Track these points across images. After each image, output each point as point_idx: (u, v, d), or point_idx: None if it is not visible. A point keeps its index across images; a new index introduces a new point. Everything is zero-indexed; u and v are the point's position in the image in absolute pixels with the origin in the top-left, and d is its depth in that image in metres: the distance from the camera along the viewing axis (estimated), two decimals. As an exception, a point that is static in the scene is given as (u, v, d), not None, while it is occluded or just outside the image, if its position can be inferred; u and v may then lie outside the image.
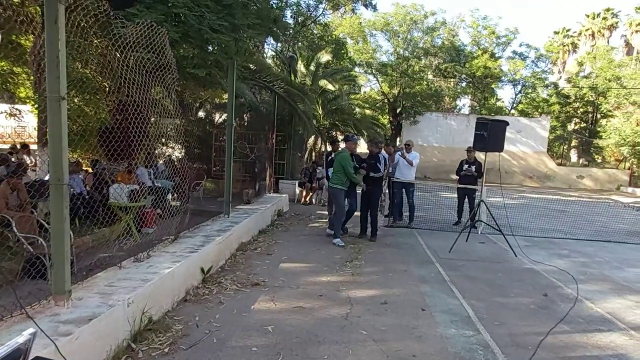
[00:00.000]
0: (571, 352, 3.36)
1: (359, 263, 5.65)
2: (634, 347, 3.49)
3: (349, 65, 25.86)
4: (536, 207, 13.52)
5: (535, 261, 6.21)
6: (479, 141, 6.64)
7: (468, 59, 28.71)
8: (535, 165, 25.84)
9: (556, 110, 28.89)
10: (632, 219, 11.47)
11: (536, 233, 8.62)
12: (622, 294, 4.92)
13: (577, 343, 3.53)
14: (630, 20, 37.17)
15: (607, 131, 25.40)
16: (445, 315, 3.94)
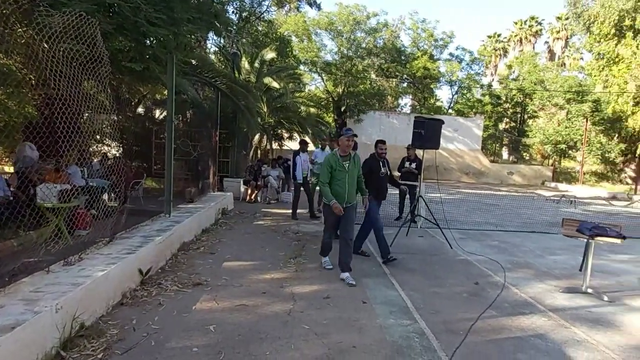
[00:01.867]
0: (498, 334, 3.62)
1: (302, 259, 5.70)
2: (551, 327, 3.83)
3: (294, 64, 25.91)
4: (471, 201, 14.33)
5: (468, 252, 6.60)
6: (417, 139, 6.94)
7: (409, 59, 29.77)
8: (470, 162, 27.35)
9: (489, 110, 30.73)
10: (553, 211, 12.50)
11: (470, 226, 9.14)
12: (543, 280, 5.36)
13: (503, 326, 3.81)
14: (551, 28, 40.33)
15: (533, 130, 27.43)
16: (385, 306, 4.09)
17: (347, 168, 4.86)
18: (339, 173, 4.83)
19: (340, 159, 4.85)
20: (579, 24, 21.84)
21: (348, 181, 4.87)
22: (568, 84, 24.37)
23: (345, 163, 4.87)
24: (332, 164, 4.83)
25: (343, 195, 4.84)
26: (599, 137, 23.03)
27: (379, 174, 5.89)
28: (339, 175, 4.83)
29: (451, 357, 3.09)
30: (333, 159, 4.86)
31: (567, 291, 4.90)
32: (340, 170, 4.83)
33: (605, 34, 20.02)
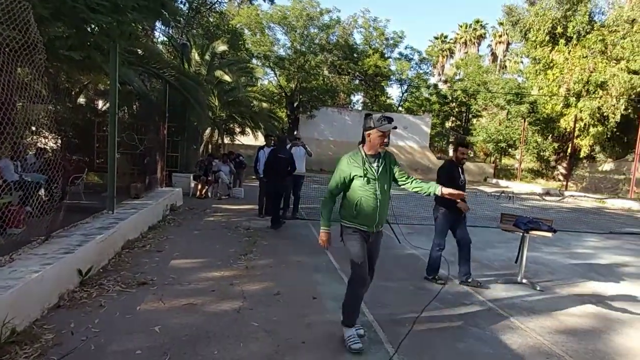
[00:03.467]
0: (440, 324, 3.80)
1: (253, 256, 5.66)
2: (489, 316, 4.07)
3: (247, 57, 25.51)
4: (419, 197, 14.77)
5: (416, 247, 6.83)
6: (368, 136, 7.06)
7: (361, 57, 30.21)
8: (419, 159, 28.28)
9: (436, 108, 31.90)
10: (494, 206, 13.21)
11: (418, 221, 9.47)
12: (483, 272, 5.66)
13: (445, 316, 4.00)
14: (494, 32, 42.45)
15: (476, 129, 28.79)
16: (335, 302, 4.15)
17: (377, 172, 3.19)
18: (366, 181, 3.14)
19: (367, 159, 3.20)
20: (516, 32, 23.15)
21: (380, 192, 3.18)
22: (508, 86, 25.81)
23: (374, 165, 3.21)
24: (351, 170, 3.16)
25: (373, 215, 3.18)
26: (535, 136, 24.60)
27: (458, 182, 5.01)
28: (365, 185, 3.15)
29: (397, 348, 3.20)
30: (354, 160, 3.19)
31: (504, 282, 5.21)
32: (367, 176, 3.14)
33: (540, 41, 21.37)
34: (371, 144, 3.22)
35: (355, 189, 3.19)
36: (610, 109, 19.37)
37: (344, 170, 3.20)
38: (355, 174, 3.17)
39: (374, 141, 3.18)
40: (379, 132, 3.13)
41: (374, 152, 3.23)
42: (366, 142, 3.24)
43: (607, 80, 19.04)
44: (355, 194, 3.19)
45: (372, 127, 3.15)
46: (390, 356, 3.08)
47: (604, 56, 19.70)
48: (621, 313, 4.39)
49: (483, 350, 3.34)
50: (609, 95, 19.33)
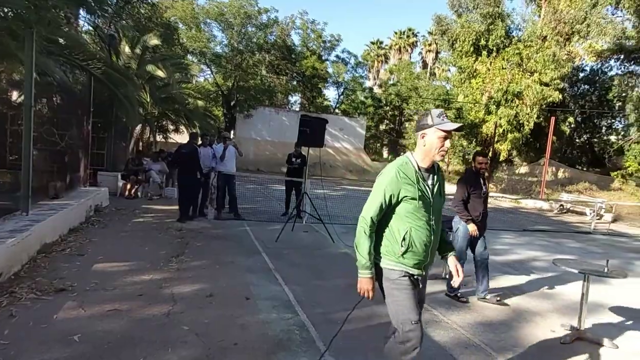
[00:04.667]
0: (371, 321, 3.93)
1: (185, 258, 5.50)
2: (416, 311, 4.29)
3: (181, 53, 24.59)
4: (354, 197, 15.19)
5: (349, 246, 7.01)
6: (303, 137, 7.14)
7: (299, 58, 30.38)
8: (355, 160, 29.00)
9: (371, 111, 32.90)
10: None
11: (352, 221, 9.71)
12: (412, 268, 5.95)
13: (375, 313, 4.14)
14: (424, 41, 44.67)
15: (409, 132, 30.10)
16: (268, 302, 4.16)
17: (432, 192, 2.33)
18: (421, 205, 2.26)
19: (420, 174, 2.30)
20: (444, 41, 24.59)
21: (435, 222, 2.34)
22: (437, 92, 27.31)
23: (429, 183, 2.33)
24: (401, 187, 2.24)
25: (426, 252, 2.31)
26: (461, 140, 26.21)
27: (480, 193, 4.71)
28: (418, 211, 2.26)
29: (328, 346, 3.27)
30: (405, 174, 2.26)
31: (431, 278, 5.51)
32: (423, 199, 2.26)
33: (465, 51, 22.88)
34: (426, 151, 2.28)
35: (403, 215, 2.25)
36: (525, 117, 21.19)
37: (392, 187, 2.22)
38: (406, 194, 2.22)
39: (432, 146, 2.26)
40: (439, 132, 2.24)
41: (429, 163, 2.31)
42: (418, 147, 2.33)
43: (522, 91, 20.82)
44: (403, 223, 2.25)
45: (430, 125, 2.26)
46: (322, 354, 3.15)
47: (520, 68, 21.52)
48: (531, 304, 4.83)
49: (409, 343, 3.52)
50: (524, 104, 21.14)
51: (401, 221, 2.28)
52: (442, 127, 2.26)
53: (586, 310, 3.98)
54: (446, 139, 2.28)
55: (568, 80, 23.76)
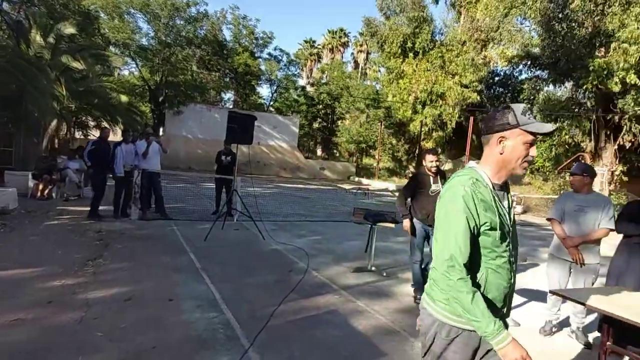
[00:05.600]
0: (297, 315, 3.99)
1: (103, 261, 5.19)
2: (341, 303, 4.42)
3: (102, 43, 23.02)
4: (285, 195, 15.26)
5: (279, 242, 7.05)
6: (231, 134, 7.04)
7: (230, 54, 29.77)
8: (288, 158, 29.03)
9: (304, 110, 33.13)
10: (353, 202, 14.30)
11: (283, 218, 9.75)
12: (339, 263, 6.11)
13: (302, 307, 4.22)
14: (356, 41, 45.82)
15: (340, 130, 30.75)
16: (193, 301, 4.06)
17: (510, 218, 1.75)
18: (500, 237, 1.67)
19: (495, 194, 1.69)
20: (374, 42, 25.46)
21: (514, 256, 1.77)
22: (367, 91, 28.18)
23: (504, 205, 1.73)
24: (480, 212, 1.62)
25: (503, 301, 1.72)
26: (391, 138, 27.32)
27: (428, 192, 4.67)
28: (498, 244, 1.67)
29: (252, 342, 3.28)
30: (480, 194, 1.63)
31: (356, 271, 5.70)
32: (501, 226, 1.66)
33: (393, 53, 23.86)
34: (504, 161, 1.68)
35: (476, 251, 1.65)
36: (448, 117, 22.55)
37: (472, 213, 1.60)
38: (484, 222, 1.62)
39: (514, 155, 1.66)
40: (526, 135, 1.64)
41: (504, 178, 1.72)
42: (489, 157, 1.71)
43: (445, 92, 22.14)
44: (476, 263, 1.66)
45: (514, 125, 1.64)
46: (245, 350, 3.15)
47: (443, 71, 22.87)
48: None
49: (334, 334, 3.62)
50: (447, 104, 22.49)
51: (473, 261, 1.63)
52: (531, 129, 1.62)
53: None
54: (532, 146, 1.66)
55: (485, 83, 25.65)
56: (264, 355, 3.12)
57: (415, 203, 4.77)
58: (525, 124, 1.63)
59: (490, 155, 1.71)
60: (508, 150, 1.66)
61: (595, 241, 3.92)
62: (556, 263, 4.11)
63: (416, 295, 4.73)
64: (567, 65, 17.12)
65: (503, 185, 1.74)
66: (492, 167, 1.71)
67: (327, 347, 3.36)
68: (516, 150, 1.66)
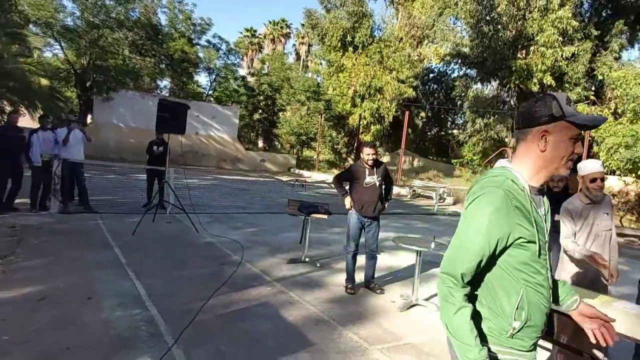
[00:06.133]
0: (227, 309, 3.93)
1: (15, 258, 4.78)
2: (273, 294, 4.43)
3: (19, 21, 20.97)
4: (224, 187, 14.94)
5: (213, 235, 6.89)
6: (162, 123, 6.75)
7: (166, 39, 28.41)
8: (228, 149, 28.39)
9: (245, 100, 32.51)
10: (291, 194, 14.33)
11: (219, 210, 9.55)
12: (274, 254, 6.09)
13: (233, 300, 4.17)
14: (297, 33, 45.68)
15: (281, 122, 30.59)
16: (114, 299, 3.86)
17: (546, 227, 1.50)
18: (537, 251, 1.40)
19: (532, 198, 1.44)
20: (315, 35, 25.54)
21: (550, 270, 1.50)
22: (308, 84, 28.21)
23: (541, 212, 1.49)
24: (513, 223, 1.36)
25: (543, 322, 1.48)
26: (330, 131, 27.62)
27: (362, 184, 4.77)
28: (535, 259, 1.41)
29: (177, 339, 3.18)
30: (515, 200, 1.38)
31: (291, 262, 5.73)
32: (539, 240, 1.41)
33: (334, 46, 24.08)
34: (547, 160, 1.44)
35: (512, 268, 1.42)
36: (385, 110, 23.21)
37: (500, 224, 1.36)
38: (520, 235, 1.38)
39: (559, 151, 1.43)
40: (572, 128, 1.41)
41: (543, 180, 1.49)
42: (527, 154, 1.46)
43: (383, 86, 22.74)
44: (513, 281, 1.42)
45: (559, 117, 1.40)
46: (169, 348, 3.05)
47: (381, 65, 23.45)
48: (378, 280, 5.33)
49: (263, 326, 3.62)
50: (384, 98, 23.13)
51: (510, 278, 1.41)
52: (580, 121, 1.40)
53: (418, 280, 4.57)
54: (578, 141, 1.44)
55: (420, 79, 26.69)
56: (189, 351, 3.05)
57: (351, 195, 4.86)
58: (571, 115, 1.39)
59: (527, 153, 1.46)
60: (551, 147, 1.42)
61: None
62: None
63: (347, 285, 4.85)
64: (493, 65, 18.26)
65: (541, 189, 1.50)
66: (531, 167, 1.45)
67: (255, 339, 3.35)
68: (561, 146, 1.42)
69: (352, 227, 4.89)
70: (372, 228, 4.92)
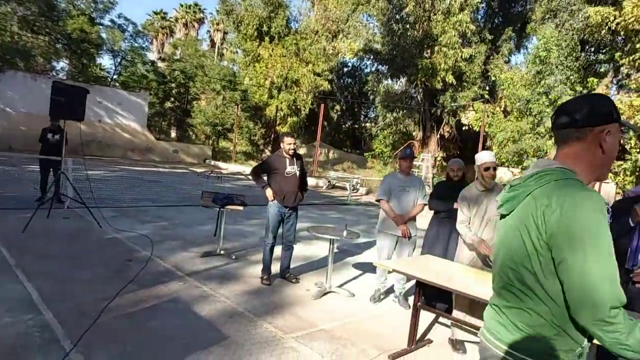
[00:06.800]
0: (134, 307, 3.72)
1: None
2: (185, 289, 4.28)
3: None
4: (132, 179, 14.00)
5: (119, 230, 6.45)
6: (57, 108, 6.13)
7: (62, 16, 25.65)
8: (137, 139, 26.60)
9: (155, 87, 30.64)
10: (207, 186, 13.90)
11: (127, 203, 8.95)
12: (187, 248, 5.88)
13: (141, 298, 3.95)
14: (212, 19, 44.04)
15: (195, 112, 29.38)
16: (1, 304, 3.46)
17: None
18: None
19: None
20: (230, 22, 24.85)
21: None
22: (224, 72, 27.40)
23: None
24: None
25: None
26: (247, 122, 27.18)
27: (284, 173, 4.77)
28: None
29: (76, 343, 2.95)
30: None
31: (205, 255, 5.57)
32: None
33: (250, 35, 23.65)
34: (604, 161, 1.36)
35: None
36: (302, 103, 23.42)
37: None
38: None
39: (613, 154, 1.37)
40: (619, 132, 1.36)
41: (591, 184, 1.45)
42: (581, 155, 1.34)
43: (299, 78, 22.89)
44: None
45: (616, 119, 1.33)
46: (66, 353, 2.82)
47: (297, 58, 23.57)
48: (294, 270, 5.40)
49: (174, 322, 3.49)
50: (301, 91, 23.31)
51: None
52: (628, 125, 1.41)
53: (332, 269, 4.72)
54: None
55: (335, 73, 27.31)
56: (89, 355, 2.84)
57: (271, 186, 4.82)
58: (621, 119, 1.33)
59: (585, 155, 1.33)
60: (610, 149, 1.32)
61: (414, 216, 4.56)
62: (384, 237, 4.64)
63: (263, 276, 4.85)
64: (402, 62, 19.29)
65: None
66: (587, 170, 1.34)
67: (165, 337, 3.22)
68: (615, 149, 1.34)
69: (271, 218, 4.87)
70: (291, 219, 4.97)
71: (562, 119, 1.37)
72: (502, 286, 1.38)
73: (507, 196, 1.40)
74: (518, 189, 1.35)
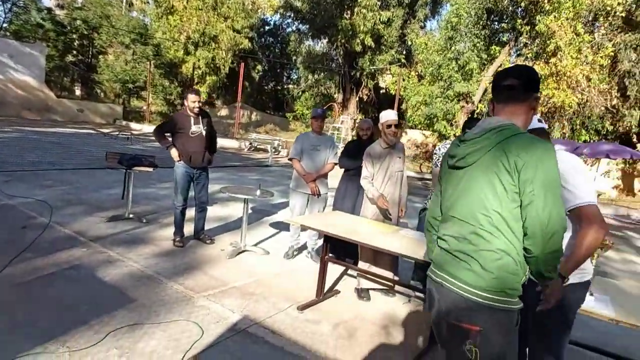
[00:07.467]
0: (29, 276, 3.48)
1: None
2: (88, 255, 4.08)
3: None
4: (29, 140, 12.66)
5: (11, 195, 5.88)
6: None
7: None
8: (34, 96, 23.78)
9: (53, 37, 27.32)
10: (115, 147, 13.02)
11: (19, 167, 8.12)
12: (92, 213, 5.54)
13: (37, 266, 3.70)
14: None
15: (102, 67, 26.81)
16: None
17: None
18: None
19: None
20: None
21: None
22: (132, 24, 25.10)
23: None
24: None
25: None
26: (162, 80, 25.46)
27: (188, 133, 4.61)
28: None
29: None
30: None
31: (112, 220, 5.31)
32: None
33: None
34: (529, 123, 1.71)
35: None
36: (221, 61, 22.41)
37: None
38: None
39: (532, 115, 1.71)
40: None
41: None
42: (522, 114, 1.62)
43: (218, 35, 21.76)
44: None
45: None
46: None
47: (215, 12, 22.28)
48: (209, 230, 5.35)
49: (74, 290, 3.33)
50: (220, 48, 22.23)
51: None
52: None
53: (246, 228, 4.77)
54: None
55: (256, 31, 26.33)
56: (-26, 327, 2.64)
57: (176, 146, 4.64)
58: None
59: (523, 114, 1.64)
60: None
61: (324, 175, 4.71)
62: (297, 196, 4.76)
63: (175, 238, 4.76)
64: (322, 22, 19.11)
65: None
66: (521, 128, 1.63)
67: (64, 305, 3.08)
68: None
69: (179, 179, 4.75)
70: (201, 180, 4.87)
71: (510, 81, 1.59)
72: (471, 231, 1.53)
73: (467, 150, 1.57)
74: (478, 143, 1.54)
